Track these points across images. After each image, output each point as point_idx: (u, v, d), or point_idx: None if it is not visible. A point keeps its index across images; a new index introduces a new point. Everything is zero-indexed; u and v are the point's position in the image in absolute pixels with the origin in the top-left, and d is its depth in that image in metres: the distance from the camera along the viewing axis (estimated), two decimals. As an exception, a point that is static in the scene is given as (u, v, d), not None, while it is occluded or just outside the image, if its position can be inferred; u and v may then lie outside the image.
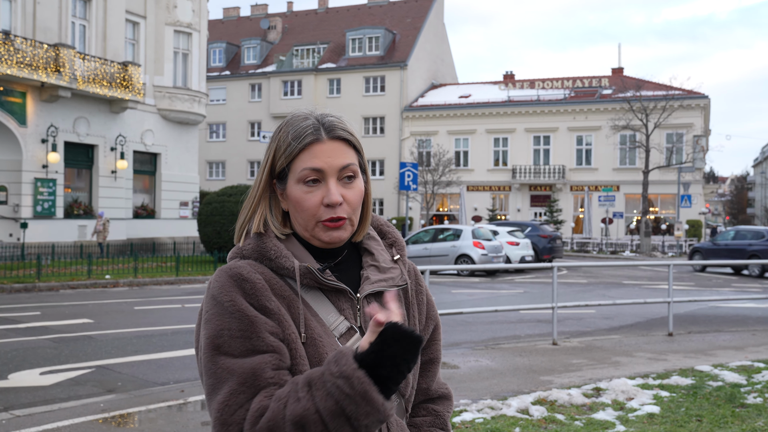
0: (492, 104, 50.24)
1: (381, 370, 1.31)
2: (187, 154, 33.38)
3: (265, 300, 1.47)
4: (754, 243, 27.00)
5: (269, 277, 1.52)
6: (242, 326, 1.44)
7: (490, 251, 23.44)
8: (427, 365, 1.73)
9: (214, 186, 50.58)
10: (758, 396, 6.90)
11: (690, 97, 45.23)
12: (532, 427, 5.83)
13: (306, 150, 1.53)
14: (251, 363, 1.41)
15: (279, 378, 1.42)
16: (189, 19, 32.35)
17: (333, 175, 1.53)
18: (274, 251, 1.54)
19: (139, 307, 14.39)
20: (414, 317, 1.67)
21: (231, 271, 1.50)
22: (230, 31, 61.88)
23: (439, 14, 58.14)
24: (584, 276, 23.68)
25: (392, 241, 1.72)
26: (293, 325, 1.49)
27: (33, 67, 23.85)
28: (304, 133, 1.54)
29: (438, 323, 1.76)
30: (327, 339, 1.51)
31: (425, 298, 1.73)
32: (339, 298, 1.57)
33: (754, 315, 14.36)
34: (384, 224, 1.74)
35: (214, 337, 1.45)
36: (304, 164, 1.53)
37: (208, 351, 1.45)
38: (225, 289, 1.47)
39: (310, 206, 1.53)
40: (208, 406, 1.45)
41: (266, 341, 1.44)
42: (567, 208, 48.30)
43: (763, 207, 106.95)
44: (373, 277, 1.60)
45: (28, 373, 8.08)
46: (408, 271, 1.71)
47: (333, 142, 1.54)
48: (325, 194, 1.52)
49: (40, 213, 25.09)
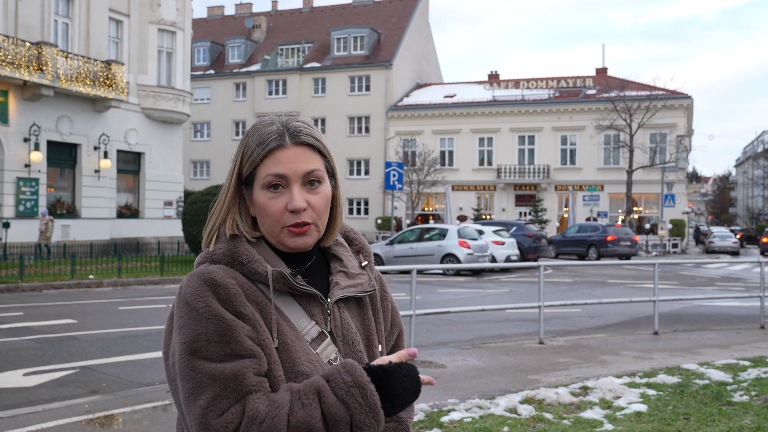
0: (477, 104, 50.33)
1: (389, 387, 1.41)
2: (172, 154, 33.19)
3: (239, 305, 1.46)
4: (592, 235, 34.78)
5: (241, 282, 1.51)
6: (220, 331, 1.42)
7: (475, 251, 23.46)
8: None
9: (198, 185, 50.37)
10: (744, 394, 6.93)
11: (673, 98, 45.53)
12: (520, 426, 5.82)
13: (270, 156, 1.53)
14: (232, 368, 1.40)
15: (260, 384, 1.42)
16: (173, 18, 32.17)
17: (297, 180, 1.53)
18: (246, 256, 1.54)
19: (123, 307, 14.28)
20: (380, 323, 1.68)
21: (204, 276, 1.49)
22: (215, 29, 61.62)
23: (423, 14, 58.18)
24: (569, 275, 23.75)
25: (359, 247, 1.73)
26: (267, 330, 1.48)
27: (15, 66, 23.63)
28: (268, 138, 1.54)
29: (402, 330, 1.78)
30: (299, 344, 1.51)
31: (390, 304, 1.75)
32: (310, 303, 1.57)
33: (738, 314, 14.45)
34: (350, 231, 1.75)
35: (190, 342, 1.43)
36: (268, 170, 1.53)
37: (184, 356, 1.43)
38: (199, 294, 1.46)
39: (274, 212, 1.52)
40: (187, 411, 1.42)
41: (245, 345, 1.43)
42: (552, 208, 48.48)
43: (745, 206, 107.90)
44: (343, 283, 1.61)
45: (11, 374, 7.98)
46: (375, 277, 1.72)
47: (297, 148, 1.54)
48: (289, 200, 1.52)
49: (23, 212, 24.87)
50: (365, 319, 1.64)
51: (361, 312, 1.65)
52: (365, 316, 1.65)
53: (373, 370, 1.43)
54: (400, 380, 1.43)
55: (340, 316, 1.58)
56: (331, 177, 1.61)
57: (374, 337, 1.63)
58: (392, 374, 1.43)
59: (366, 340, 1.61)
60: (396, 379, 1.43)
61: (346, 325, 1.58)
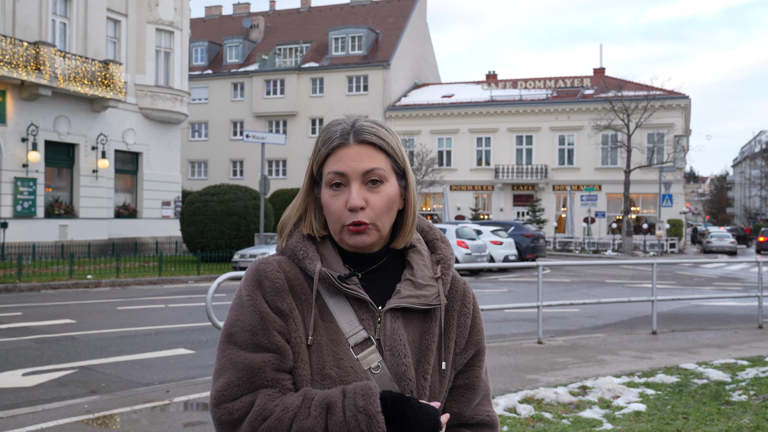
0: (475, 104, 50.34)
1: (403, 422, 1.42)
2: (169, 154, 33.16)
3: (279, 300, 1.51)
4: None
5: (293, 276, 1.55)
6: (253, 321, 1.49)
7: (474, 250, 23.47)
8: (460, 390, 1.67)
9: (196, 185, 50.32)
10: (743, 393, 6.94)
11: (671, 98, 45.57)
12: (519, 425, 5.82)
13: (333, 154, 1.55)
14: (253, 359, 1.47)
15: (277, 380, 1.47)
16: (171, 18, 32.14)
17: (356, 179, 1.53)
18: (303, 252, 1.57)
19: (121, 307, 14.27)
20: (449, 339, 1.62)
21: (258, 266, 1.56)
22: (212, 29, 61.57)
23: (421, 14, 58.17)
24: (567, 275, 23.77)
25: (440, 257, 1.67)
26: (303, 327, 1.51)
27: (13, 65, 23.60)
28: (333, 137, 1.56)
29: (481, 349, 1.69)
30: (332, 347, 1.51)
31: (470, 321, 1.67)
32: (361, 307, 1.56)
33: (736, 313, 14.47)
34: (439, 239, 1.70)
35: (229, 326, 1.53)
36: (330, 168, 1.55)
37: (222, 337, 1.53)
38: (248, 283, 1.54)
39: (335, 210, 1.54)
40: (211, 387, 1.52)
41: (272, 339, 1.48)
42: (549, 208, 48.50)
43: (742, 206, 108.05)
44: (404, 292, 1.57)
45: (10, 374, 7.97)
46: (454, 290, 1.66)
47: (359, 146, 1.55)
48: (348, 198, 1.53)
49: (20, 213, 24.84)
50: (426, 333, 1.59)
51: (424, 325, 1.59)
52: (428, 330, 1.59)
53: (393, 400, 1.43)
54: (416, 417, 1.42)
55: (391, 325, 1.55)
56: (401, 177, 1.60)
57: (431, 353, 1.57)
58: (411, 409, 1.43)
59: (418, 354, 1.56)
60: (411, 415, 1.42)
61: (396, 335, 1.54)
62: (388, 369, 1.52)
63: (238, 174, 55.35)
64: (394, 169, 1.58)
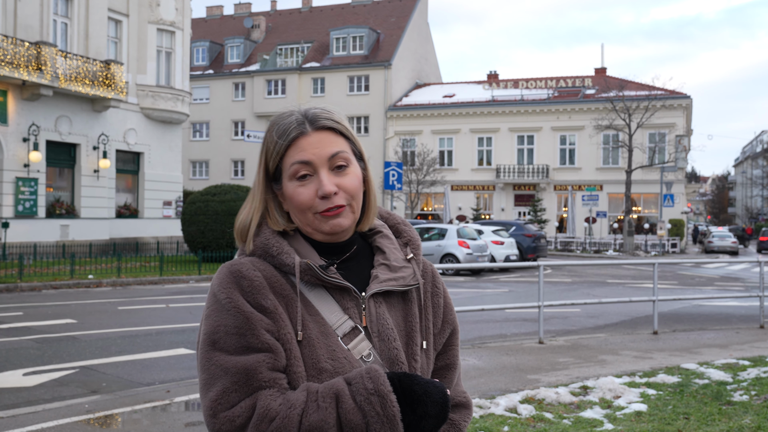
0: (476, 104, 50.33)
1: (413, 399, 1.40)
2: (171, 153, 33.16)
3: (261, 298, 1.45)
4: None
5: (270, 275, 1.50)
6: (238, 323, 1.42)
7: (475, 250, 23.47)
8: (443, 371, 1.67)
9: (197, 185, 50.33)
10: (744, 393, 6.93)
11: (672, 97, 45.53)
12: (520, 425, 5.82)
13: (292, 145, 1.52)
14: (246, 361, 1.40)
15: (274, 380, 1.41)
16: (172, 18, 32.14)
17: (323, 165, 1.50)
18: (276, 248, 1.52)
19: (122, 307, 14.27)
20: (428, 320, 1.62)
21: (232, 267, 1.49)
22: (213, 29, 61.59)
23: (423, 14, 58.16)
24: (568, 275, 23.75)
25: (407, 239, 1.67)
26: (290, 324, 1.46)
27: (14, 65, 23.60)
28: (289, 128, 1.52)
29: (456, 328, 1.70)
30: (324, 340, 1.47)
31: (442, 300, 1.68)
32: (343, 296, 1.53)
33: (738, 313, 14.45)
34: (400, 222, 1.70)
35: (210, 333, 1.44)
36: (292, 159, 1.51)
37: (204, 347, 1.45)
38: (223, 286, 1.47)
39: (305, 199, 1.50)
40: (201, 401, 1.44)
41: (262, 339, 1.42)
42: (551, 208, 48.48)
43: (743, 206, 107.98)
44: (382, 276, 1.56)
45: (11, 374, 7.97)
46: (423, 271, 1.66)
47: (319, 133, 1.52)
48: (319, 186, 1.49)
49: (22, 212, 24.84)
50: (408, 315, 1.58)
51: (404, 307, 1.59)
52: (409, 311, 1.59)
53: (399, 379, 1.41)
54: (426, 393, 1.41)
55: (376, 311, 1.53)
56: (359, 159, 1.58)
57: (416, 333, 1.57)
58: (419, 385, 1.41)
59: (406, 337, 1.56)
60: (421, 391, 1.40)
61: (382, 320, 1.52)
62: (379, 355, 1.50)
63: (239, 174, 55.36)
64: (353, 151, 1.56)
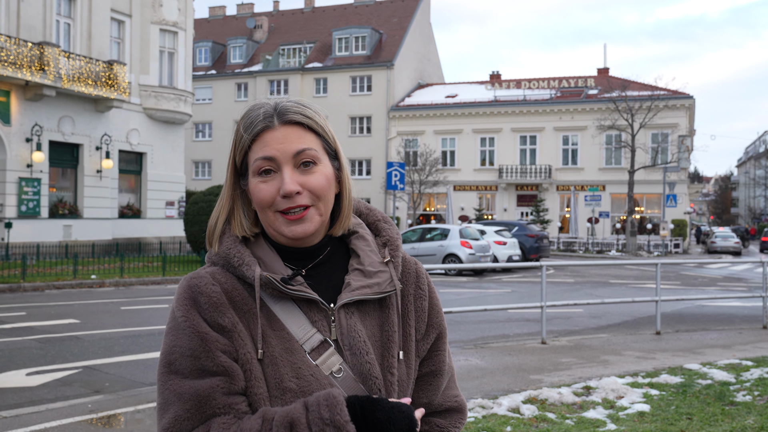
0: (478, 104, 50.31)
1: (375, 428, 1.30)
2: (173, 154, 33.19)
3: (218, 316, 1.36)
4: None
5: (231, 288, 1.41)
6: (192, 344, 1.34)
7: (477, 251, 23.46)
8: (427, 378, 1.55)
9: (200, 186, 50.37)
10: (747, 394, 6.92)
11: (675, 98, 45.49)
12: (523, 425, 5.82)
13: (258, 139, 1.42)
14: (199, 387, 1.32)
15: (230, 406, 1.33)
16: (175, 18, 32.17)
17: (287, 162, 1.40)
18: (237, 258, 1.42)
19: (125, 307, 14.29)
20: (409, 326, 1.50)
21: (191, 281, 1.41)
22: (216, 30, 61.63)
23: (425, 14, 58.17)
24: (571, 275, 23.74)
25: (386, 239, 1.54)
26: (250, 342, 1.37)
27: (17, 66, 23.64)
28: (255, 121, 1.43)
29: (443, 332, 1.57)
30: (288, 357, 1.37)
31: (427, 304, 1.54)
32: (311, 308, 1.42)
33: (740, 314, 14.44)
34: (381, 219, 1.57)
35: (167, 353, 1.37)
36: (256, 154, 1.41)
37: (160, 368, 1.38)
38: (180, 303, 1.39)
39: (266, 196, 1.40)
40: (157, 425, 1.36)
41: (217, 362, 1.33)
42: (553, 208, 48.46)
43: (746, 206, 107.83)
44: (355, 284, 1.44)
45: (14, 373, 7.99)
46: (405, 272, 1.54)
47: (286, 128, 1.42)
48: (281, 184, 1.39)
49: (25, 213, 24.88)
50: (385, 324, 1.46)
51: (381, 315, 1.47)
52: (386, 320, 1.47)
53: (361, 405, 1.31)
54: (390, 419, 1.30)
55: (347, 322, 1.42)
56: (334, 158, 1.48)
57: (393, 344, 1.45)
58: (382, 411, 1.31)
59: (381, 349, 1.44)
60: (384, 418, 1.30)
61: (354, 332, 1.41)
62: (351, 370, 1.40)
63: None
64: (325, 149, 1.46)
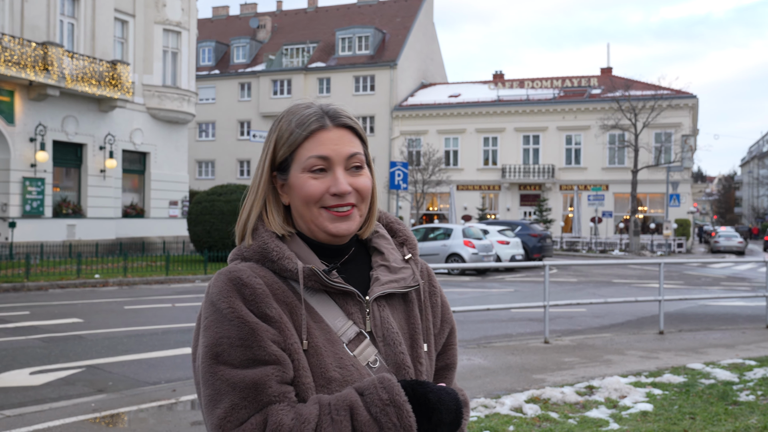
0: (481, 104, 50.28)
1: (427, 407, 1.36)
2: (177, 153, 33.24)
3: (265, 307, 1.39)
4: None
5: (271, 281, 1.43)
6: (242, 334, 1.35)
7: (480, 250, 23.45)
8: (444, 372, 1.65)
9: (203, 185, 50.42)
10: (751, 393, 6.91)
11: (678, 97, 45.41)
12: (526, 425, 5.82)
13: (311, 137, 1.46)
14: (253, 375, 1.34)
15: (284, 394, 1.35)
16: (178, 18, 32.21)
17: (340, 163, 1.45)
18: (276, 252, 1.45)
19: (129, 306, 14.31)
20: (428, 320, 1.57)
21: (231, 274, 1.42)
22: (219, 30, 61.67)
23: (428, 13, 58.15)
24: (574, 275, 23.72)
25: (403, 239, 1.62)
26: (295, 333, 1.40)
27: (21, 66, 23.68)
28: (308, 120, 1.47)
29: (454, 327, 1.67)
30: (330, 347, 1.42)
31: (439, 300, 1.63)
32: (347, 301, 1.47)
33: (744, 313, 14.42)
34: (394, 221, 1.64)
35: (212, 345, 1.36)
36: (310, 152, 1.45)
37: (206, 360, 1.37)
38: (224, 295, 1.39)
39: (315, 192, 1.44)
40: (206, 418, 1.37)
41: (268, 351, 1.35)
42: (556, 208, 48.41)
43: (750, 206, 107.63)
44: (383, 278, 1.51)
45: (17, 372, 8.01)
46: (420, 271, 1.61)
47: (338, 130, 1.47)
48: (332, 183, 1.44)
49: (29, 212, 24.92)
50: (410, 317, 1.54)
51: (406, 309, 1.54)
52: (411, 313, 1.54)
53: (412, 387, 1.37)
54: (439, 400, 1.38)
55: (380, 314, 1.48)
56: (368, 165, 1.53)
57: (419, 336, 1.52)
58: (432, 393, 1.38)
59: (410, 340, 1.51)
60: (435, 399, 1.37)
61: (387, 324, 1.48)
62: (385, 360, 1.46)
63: (245, 174, 55.44)
64: (365, 156, 1.51)
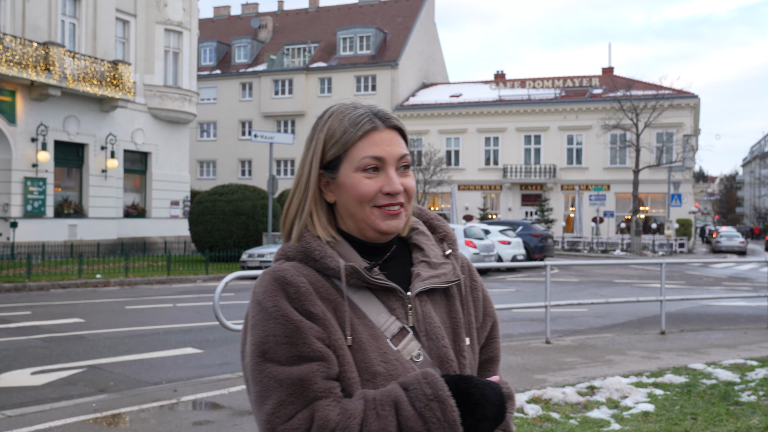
0: (483, 104, 50.27)
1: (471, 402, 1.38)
2: (178, 153, 33.26)
3: (309, 305, 1.42)
4: None
5: (314, 280, 1.47)
6: (288, 332, 1.39)
7: (482, 250, 23.43)
8: (487, 364, 1.66)
9: (205, 185, 50.42)
10: (752, 394, 6.90)
11: (680, 97, 45.38)
12: (527, 425, 5.81)
13: (365, 138, 1.50)
14: (299, 372, 1.37)
15: (330, 390, 1.38)
16: (179, 18, 32.23)
17: (393, 164, 1.50)
18: (319, 251, 1.49)
19: (130, 306, 14.32)
20: (469, 314, 1.60)
21: (275, 274, 1.46)
22: (221, 30, 61.69)
23: (430, 13, 58.16)
24: (576, 275, 23.70)
25: (443, 235, 1.65)
26: (339, 330, 1.44)
27: (22, 66, 23.70)
28: (361, 120, 1.50)
29: (496, 320, 1.70)
30: (374, 343, 1.45)
31: (481, 294, 1.67)
32: (389, 297, 1.51)
33: (745, 313, 14.40)
34: (434, 218, 1.68)
35: (259, 343, 1.41)
36: (364, 152, 1.49)
37: (254, 358, 1.41)
38: (269, 294, 1.43)
39: (370, 191, 1.48)
40: (256, 414, 1.41)
41: (313, 347, 1.39)
42: (558, 208, 48.39)
43: (751, 206, 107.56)
44: (425, 274, 1.54)
45: (19, 372, 8.01)
46: (461, 266, 1.65)
47: (389, 131, 1.52)
48: (386, 183, 1.49)
49: (30, 212, 24.94)
50: (452, 311, 1.57)
51: (447, 304, 1.57)
52: (452, 307, 1.57)
53: (455, 382, 1.40)
54: (483, 395, 1.40)
55: (422, 309, 1.51)
56: None
57: (461, 330, 1.55)
58: (475, 388, 1.40)
59: (452, 334, 1.54)
60: (478, 394, 1.39)
61: (429, 319, 1.51)
62: (428, 355, 1.48)
63: (246, 174, 55.46)
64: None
